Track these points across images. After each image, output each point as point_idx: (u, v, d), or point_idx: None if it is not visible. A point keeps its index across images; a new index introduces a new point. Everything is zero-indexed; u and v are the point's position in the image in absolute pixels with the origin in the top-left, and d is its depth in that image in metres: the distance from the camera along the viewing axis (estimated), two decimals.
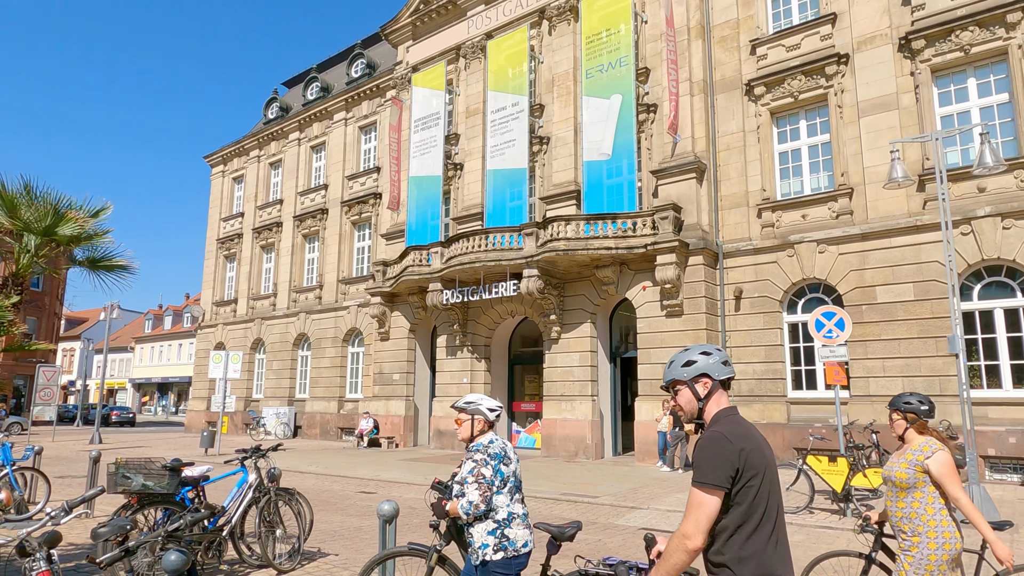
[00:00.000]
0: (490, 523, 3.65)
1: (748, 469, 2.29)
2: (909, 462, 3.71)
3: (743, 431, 2.37)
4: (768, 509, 2.31)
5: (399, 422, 22.20)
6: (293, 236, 29.52)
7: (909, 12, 14.94)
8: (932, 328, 13.81)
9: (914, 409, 3.83)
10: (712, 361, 2.49)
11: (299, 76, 34.90)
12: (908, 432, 3.83)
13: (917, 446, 3.74)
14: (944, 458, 3.64)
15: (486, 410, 3.88)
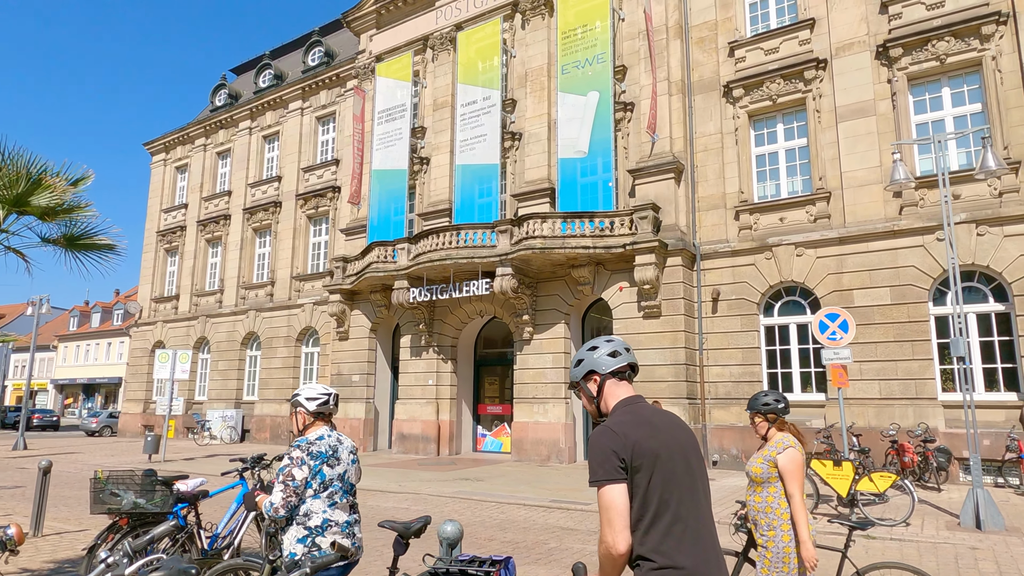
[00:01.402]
0: (301, 529, 3.34)
1: (637, 457, 2.15)
2: (765, 457, 3.87)
3: (633, 419, 2.25)
4: (665, 500, 2.15)
5: (358, 425, 21.24)
6: (243, 230, 28.04)
7: (887, 20, 15.16)
8: (908, 332, 13.99)
9: (772, 409, 3.97)
10: (597, 355, 2.40)
11: (250, 62, 33.31)
12: (770, 431, 3.97)
13: (774, 442, 3.89)
14: (793, 455, 3.78)
15: (304, 400, 3.53)
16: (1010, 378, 13.22)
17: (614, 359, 2.39)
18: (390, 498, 12.09)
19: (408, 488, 12.88)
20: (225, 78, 32.65)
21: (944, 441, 13.00)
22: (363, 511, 11.07)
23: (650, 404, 2.37)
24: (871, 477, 8.99)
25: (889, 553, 7.73)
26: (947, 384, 13.83)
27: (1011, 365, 13.22)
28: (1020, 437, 12.29)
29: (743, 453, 15.41)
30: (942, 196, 9.69)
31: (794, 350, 15.54)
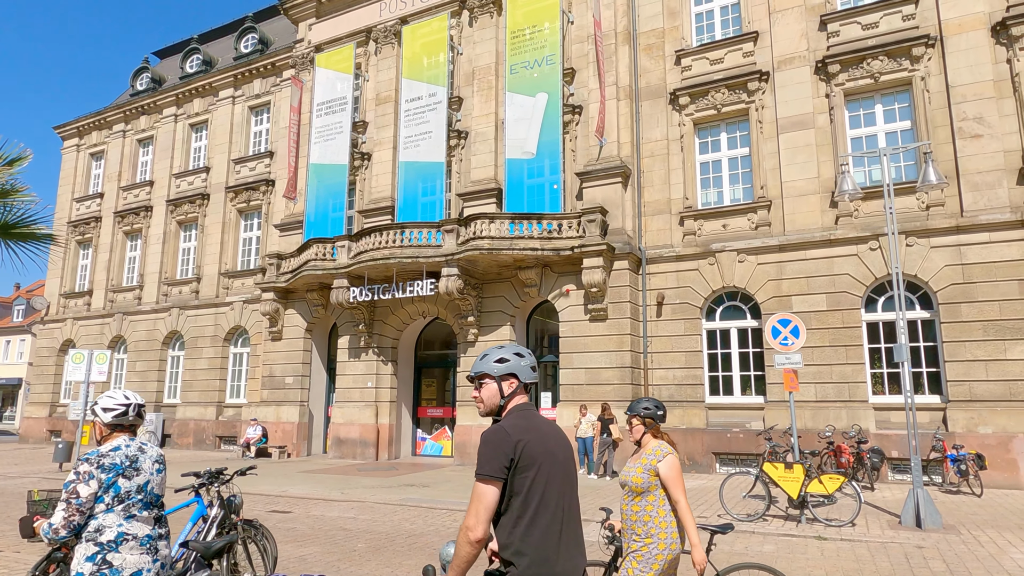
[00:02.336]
0: (90, 546, 3.06)
1: (524, 460, 2.38)
2: (644, 466, 3.83)
3: (526, 424, 2.47)
4: (545, 501, 2.38)
5: (292, 429, 20.37)
6: (166, 222, 26.43)
7: (825, 37, 15.76)
8: (843, 337, 14.57)
9: (651, 414, 3.98)
10: (523, 364, 2.63)
11: (176, 46, 31.53)
12: (644, 436, 3.97)
13: (651, 450, 3.88)
14: (673, 461, 3.82)
15: (100, 411, 3.27)
16: (934, 382, 13.97)
17: (533, 372, 2.66)
18: (334, 507, 11.55)
19: (352, 496, 12.36)
20: (148, 61, 30.72)
21: (875, 442, 13.60)
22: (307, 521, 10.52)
23: (539, 413, 2.63)
24: (821, 479, 9.22)
25: (843, 554, 7.92)
26: (876, 387, 14.48)
27: (935, 369, 13.97)
28: (944, 438, 12.99)
29: (685, 456, 15.64)
30: (887, 207, 10.08)
31: (735, 354, 15.93)
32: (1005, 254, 13.36)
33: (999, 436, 12.81)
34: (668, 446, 3.90)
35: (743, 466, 14.92)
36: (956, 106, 14.10)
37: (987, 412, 13.00)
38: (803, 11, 16.03)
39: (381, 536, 9.11)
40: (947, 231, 13.87)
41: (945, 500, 11.44)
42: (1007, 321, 13.17)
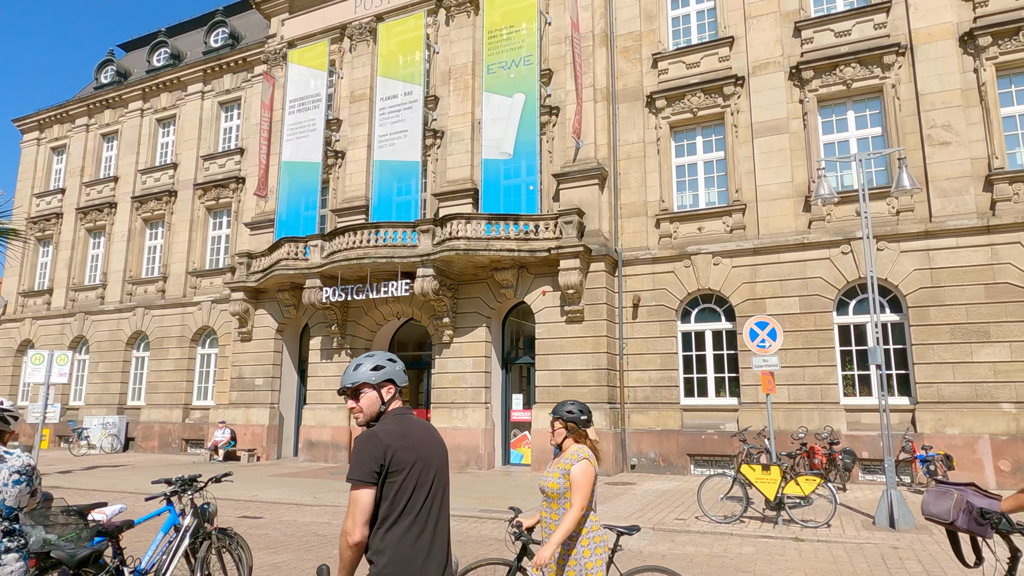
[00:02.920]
0: None
1: (394, 465, 2.46)
2: (560, 470, 3.77)
3: (400, 429, 2.55)
4: (411, 504, 2.47)
5: (261, 432, 19.95)
6: (131, 220, 25.72)
7: (799, 44, 15.98)
8: (815, 339, 14.76)
9: (574, 418, 3.90)
10: (397, 369, 2.72)
11: (143, 39, 30.71)
12: (566, 440, 3.91)
13: (570, 454, 3.82)
14: (586, 467, 3.73)
15: None
16: (903, 384, 14.23)
17: (404, 376, 2.75)
18: (306, 512, 11.30)
19: (325, 500, 12.11)
20: (113, 53, 29.89)
21: (846, 443, 13.79)
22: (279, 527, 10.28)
23: (416, 417, 2.69)
24: (797, 481, 9.29)
25: (820, 555, 7.98)
26: (848, 389, 14.70)
27: (904, 372, 14.23)
28: (913, 439, 13.24)
29: (660, 457, 15.71)
30: (862, 212, 10.21)
31: (709, 356, 16.04)
32: (971, 259, 13.67)
33: (965, 437, 13.10)
34: (587, 451, 3.82)
35: (717, 467, 15.02)
36: (925, 114, 14.40)
37: (954, 413, 13.28)
38: (778, 17, 16.22)
39: None
40: (916, 236, 14.14)
41: (915, 500, 11.61)
42: (973, 325, 13.47)
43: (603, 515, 10.43)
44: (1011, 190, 13.58)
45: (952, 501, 3.08)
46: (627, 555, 8.09)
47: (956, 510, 3.05)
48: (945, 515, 3.08)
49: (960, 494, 3.11)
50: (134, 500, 11.38)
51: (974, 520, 3.00)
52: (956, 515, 3.03)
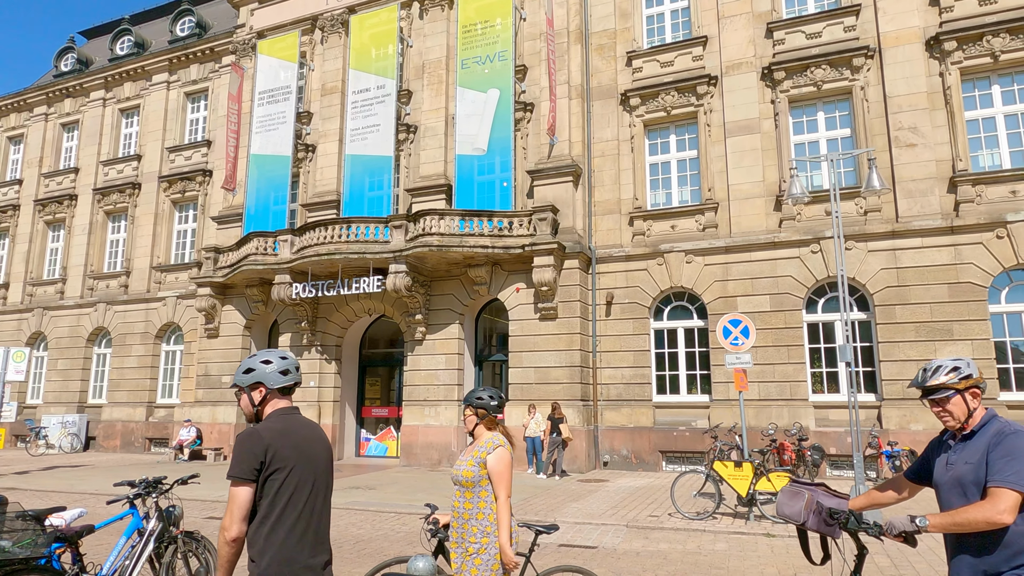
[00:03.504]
0: None
1: (275, 463, 2.48)
2: (475, 459, 3.69)
3: (281, 427, 2.57)
4: (294, 501, 2.50)
5: (229, 431, 19.53)
6: (92, 212, 24.96)
7: (771, 45, 16.15)
8: (785, 337, 14.95)
9: (484, 405, 3.82)
10: (269, 370, 2.68)
11: (105, 26, 29.81)
12: (478, 428, 3.82)
13: (483, 442, 3.74)
14: (503, 454, 3.66)
15: None
16: (869, 380, 14.49)
17: (284, 377, 2.70)
18: None
19: None
20: (73, 41, 28.94)
21: (815, 439, 14.00)
22: None
23: (302, 416, 2.71)
24: (769, 477, 9.37)
25: (792, 551, 8.05)
26: (816, 386, 14.93)
27: (870, 369, 14.50)
28: (879, 434, 13.50)
29: (633, 454, 15.78)
30: (833, 212, 10.34)
31: (681, 353, 16.15)
32: (936, 259, 13.97)
33: (929, 433, 13.37)
34: (502, 438, 3.76)
35: (689, 464, 15.13)
36: (893, 116, 14.67)
37: (918, 410, 13.56)
38: (750, 18, 16.37)
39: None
40: (883, 236, 14.40)
41: None
42: (937, 323, 13.78)
43: (577, 513, 10.42)
44: (974, 192, 13.91)
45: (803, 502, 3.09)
46: (600, 554, 8.08)
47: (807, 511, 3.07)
48: (796, 516, 3.09)
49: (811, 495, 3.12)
50: (95, 502, 11.03)
51: (823, 521, 3.03)
52: (807, 516, 3.05)
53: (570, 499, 11.68)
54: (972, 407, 2.80)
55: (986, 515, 2.50)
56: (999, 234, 13.55)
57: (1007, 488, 2.51)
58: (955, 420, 2.80)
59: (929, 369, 2.86)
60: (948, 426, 2.85)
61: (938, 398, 2.82)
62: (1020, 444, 2.58)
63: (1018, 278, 13.75)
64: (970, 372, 2.81)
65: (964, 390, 2.79)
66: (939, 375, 2.83)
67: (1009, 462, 2.55)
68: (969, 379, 2.79)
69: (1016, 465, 2.53)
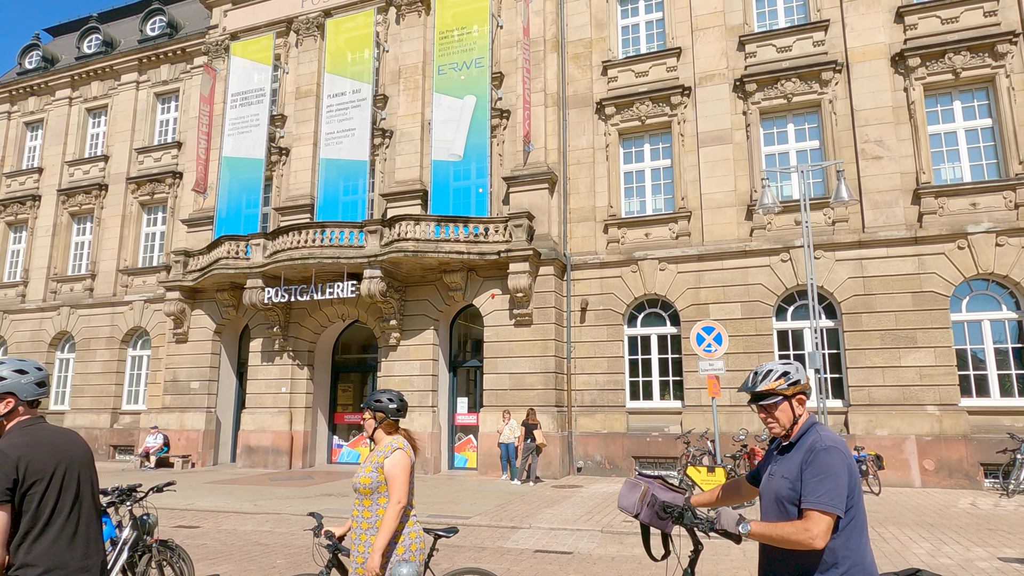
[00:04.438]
0: None
1: (30, 476, 2.39)
2: (373, 464, 3.57)
3: (29, 439, 2.47)
4: (59, 509, 2.45)
5: (197, 438, 19.18)
6: (56, 213, 24.37)
7: (743, 57, 16.48)
8: (756, 344, 15.21)
9: (383, 408, 3.70)
10: (25, 381, 2.57)
11: (73, 24, 29.14)
12: (377, 432, 3.70)
13: (382, 446, 3.62)
14: (400, 458, 3.54)
15: None
16: (836, 387, 14.81)
17: (40, 389, 2.61)
18: (247, 520, 10.91)
19: (267, 508, 11.72)
20: (39, 38, 28.25)
21: None
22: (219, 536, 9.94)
23: (49, 424, 2.63)
24: None
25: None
26: None
27: (838, 375, 14.83)
28: (846, 439, 13.78)
29: (606, 460, 15.88)
30: (803, 222, 10.60)
31: (655, 359, 16.33)
32: (900, 268, 14.37)
33: (894, 438, 13.74)
34: (403, 441, 3.62)
35: (662, 469, 15.28)
36: (859, 129, 15.07)
37: (884, 415, 13.91)
38: (723, 31, 16.69)
39: (301, 550, 8.65)
40: (850, 245, 14.76)
41: None
42: (901, 331, 14.16)
43: (551, 518, 10.46)
44: (936, 204, 14.35)
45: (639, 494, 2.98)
46: (575, 559, 8.13)
47: (641, 503, 2.97)
48: (632, 508, 2.99)
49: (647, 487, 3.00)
50: None
51: (656, 514, 2.95)
52: (640, 508, 2.96)
53: (544, 505, 11.72)
54: (798, 414, 2.73)
55: (799, 538, 2.45)
56: (960, 245, 13.99)
57: (819, 511, 2.45)
58: (781, 427, 2.74)
59: (760, 373, 2.78)
60: (775, 433, 2.78)
61: (767, 404, 2.74)
62: (831, 462, 2.51)
63: (978, 288, 14.21)
64: (798, 378, 2.73)
65: (792, 396, 2.72)
66: (769, 380, 2.74)
67: (821, 482, 2.49)
68: (797, 385, 2.72)
69: (827, 485, 2.47)
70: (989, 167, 14.52)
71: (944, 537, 8.90)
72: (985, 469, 13.24)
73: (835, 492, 2.46)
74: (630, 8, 18.23)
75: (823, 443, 2.58)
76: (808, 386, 2.79)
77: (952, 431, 13.45)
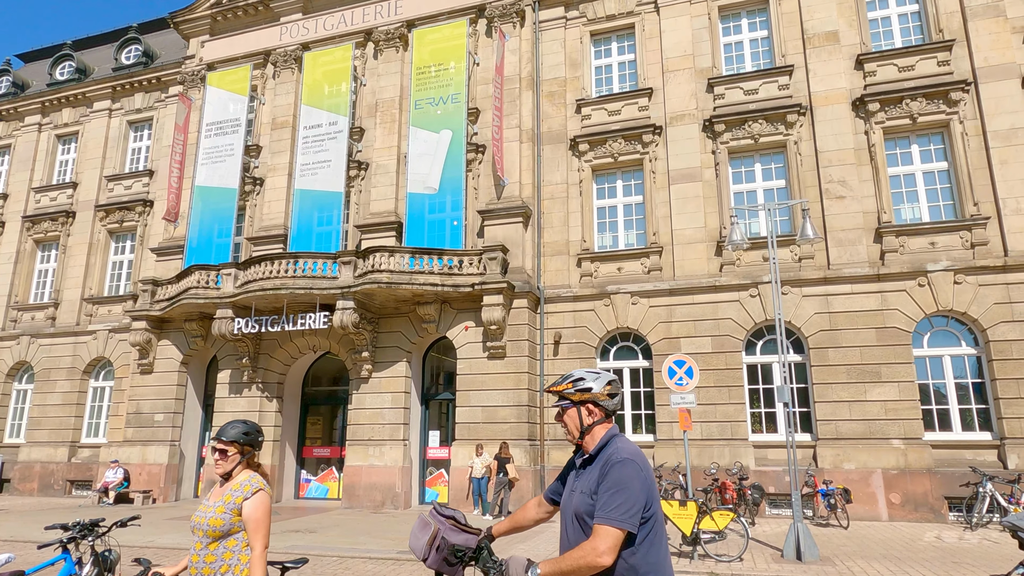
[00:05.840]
0: None
1: None
2: (226, 504, 3.22)
3: None
4: None
5: (159, 472, 18.61)
6: (20, 240, 23.84)
7: (712, 99, 17.01)
8: (726, 378, 15.40)
9: (252, 441, 3.37)
10: None
11: (45, 50, 28.93)
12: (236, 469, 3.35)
13: (239, 484, 3.28)
14: (263, 499, 3.25)
15: None
16: (805, 421, 15.02)
17: None
18: None
19: None
20: (10, 63, 27.98)
21: (755, 478, 14.36)
22: None
23: None
24: (712, 516, 9.56)
25: None
26: (755, 426, 15.38)
27: (806, 409, 15.05)
28: (815, 474, 13.95)
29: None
30: (771, 258, 10.87)
31: (627, 393, 16.40)
32: (864, 304, 14.75)
33: (861, 472, 13.94)
34: (261, 480, 3.28)
35: None
36: (823, 169, 15.59)
37: (851, 449, 14.13)
38: (693, 73, 17.24)
39: None
40: (816, 282, 15.14)
41: (817, 533, 12.20)
42: (866, 366, 14.48)
43: (526, 553, 10.32)
44: (897, 242, 14.84)
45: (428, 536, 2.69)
46: None
47: (429, 547, 2.67)
48: (420, 552, 2.69)
49: (438, 528, 2.70)
50: (18, 549, 10.29)
51: (444, 560, 2.64)
52: (428, 552, 2.66)
53: (517, 540, 11.58)
54: (587, 423, 2.61)
55: (587, 559, 2.31)
56: (920, 282, 14.44)
57: (607, 525, 2.33)
58: (570, 433, 2.66)
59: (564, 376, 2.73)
60: (569, 440, 2.70)
61: (558, 406, 2.67)
62: (624, 474, 2.41)
63: (939, 324, 14.64)
64: (590, 386, 2.62)
65: (580, 403, 2.62)
66: (561, 383, 2.68)
67: (613, 495, 2.37)
68: (588, 392, 2.61)
69: (619, 499, 2.36)
70: (946, 208, 15.10)
71: (911, 571, 9.01)
72: (949, 502, 13.47)
73: (627, 506, 2.36)
74: (603, 49, 18.77)
75: (618, 455, 2.48)
76: (605, 397, 2.63)
77: (917, 465, 13.70)
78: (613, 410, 2.68)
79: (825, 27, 16.33)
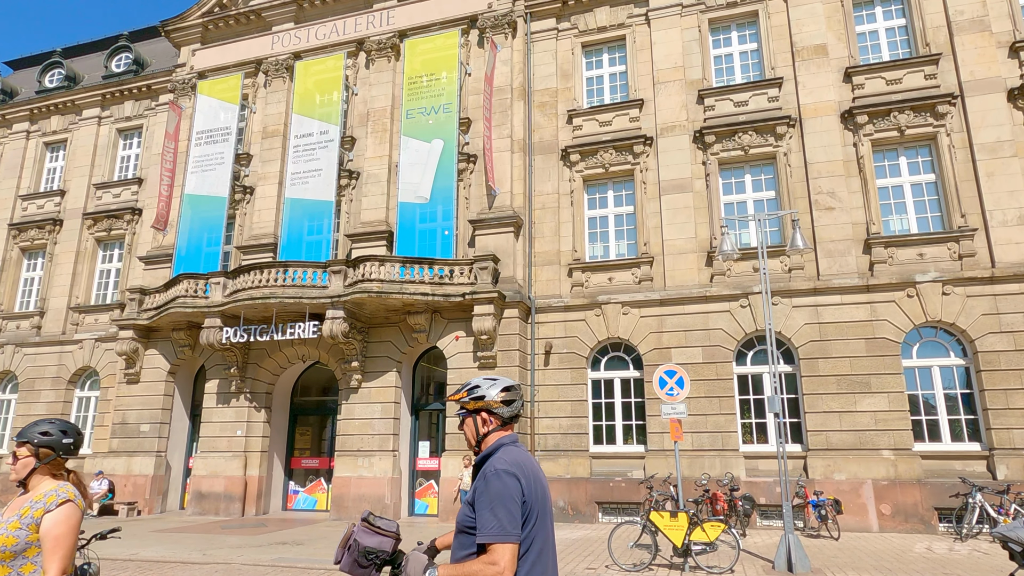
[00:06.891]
0: None
1: None
2: (22, 518, 2.65)
3: None
4: None
5: (145, 483, 18.36)
6: (6, 248, 23.59)
7: (703, 110, 17.11)
8: (717, 388, 15.39)
9: (51, 443, 2.80)
10: None
11: (34, 57, 28.77)
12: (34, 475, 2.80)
13: (42, 493, 2.72)
14: (70, 513, 2.68)
15: None
16: (795, 431, 15.02)
17: None
18: (195, 570, 10.41)
19: (216, 557, 11.22)
20: None
21: (745, 489, 14.32)
22: None
23: None
24: (703, 527, 9.50)
25: None
26: (746, 437, 15.35)
27: (796, 420, 15.05)
28: (805, 484, 13.93)
29: (569, 505, 15.69)
30: (761, 269, 10.89)
31: (618, 403, 16.36)
32: (854, 315, 14.81)
33: (852, 482, 13.93)
34: (72, 490, 2.74)
35: (625, 515, 15.16)
36: (813, 181, 15.69)
37: (841, 460, 14.12)
38: (683, 84, 17.34)
39: None
40: (806, 292, 15.19)
41: (808, 544, 12.16)
42: (856, 376, 14.50)
43: None
44: (886, 253, 14.92)
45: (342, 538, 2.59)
46: None
47: (342, 549, 2.57)
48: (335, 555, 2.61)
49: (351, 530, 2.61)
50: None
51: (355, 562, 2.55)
52: (341, 555, 2.57)
53: None
54: (482, 431, 2.55)
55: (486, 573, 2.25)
56: (909, 293, 14.51)
57: (499, 543, 2.27)
58: (468, 443, 2.60)
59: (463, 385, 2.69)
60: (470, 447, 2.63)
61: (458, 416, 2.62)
62: (499, 487, 2.34)
63: (927, 335, 14.71)
64: (484, 394, 2.56)
65: (475, 411, 2.57)
66: (461, 391, 2.62)
67: (493, 511, 2.30)
68: (481, 400, 2.55)
69: (500, 513, 2.30)
70: (934, 219, 15.21)
71: None
72: (939, 513, 13.48)
73: (508, 518, 2.29)
74: (595, 60, 18.86)
75: (492, 467, 2.40)
76: (499, 405, 2.57)
77: (907, 475, 13.71)
78: (509, 417, 2.62)
79: (814, 40, 16.49)
